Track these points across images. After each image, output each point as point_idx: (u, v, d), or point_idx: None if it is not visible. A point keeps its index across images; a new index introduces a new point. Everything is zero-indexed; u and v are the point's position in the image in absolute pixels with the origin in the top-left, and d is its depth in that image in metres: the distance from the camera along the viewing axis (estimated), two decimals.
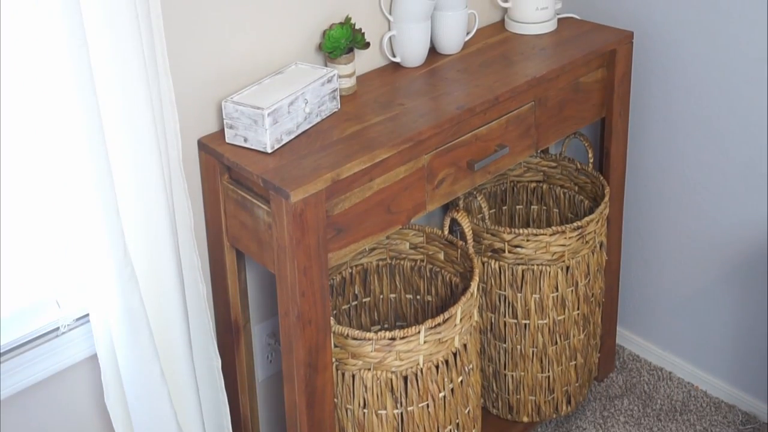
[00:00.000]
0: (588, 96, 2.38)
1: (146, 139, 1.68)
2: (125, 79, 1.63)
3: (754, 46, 2.29)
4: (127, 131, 1.67)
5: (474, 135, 2.08)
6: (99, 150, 1.59)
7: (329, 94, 2.00)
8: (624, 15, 2.53)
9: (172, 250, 1.79)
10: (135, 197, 1.72)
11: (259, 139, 1.85)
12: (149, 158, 1.70)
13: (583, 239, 2.34)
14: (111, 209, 1.64)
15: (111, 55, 1.60)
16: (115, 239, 1.66)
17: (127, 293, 1.71)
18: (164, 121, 1.76)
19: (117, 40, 1.59)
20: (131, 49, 1.61)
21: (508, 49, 2.36)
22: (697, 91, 2.44)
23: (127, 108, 1.65)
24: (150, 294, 1.81)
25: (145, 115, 1.66)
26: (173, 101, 1.79)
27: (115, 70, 1.61)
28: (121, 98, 1.64)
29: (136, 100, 1.65)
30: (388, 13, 2.24)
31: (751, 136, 2.37)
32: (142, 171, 1.70)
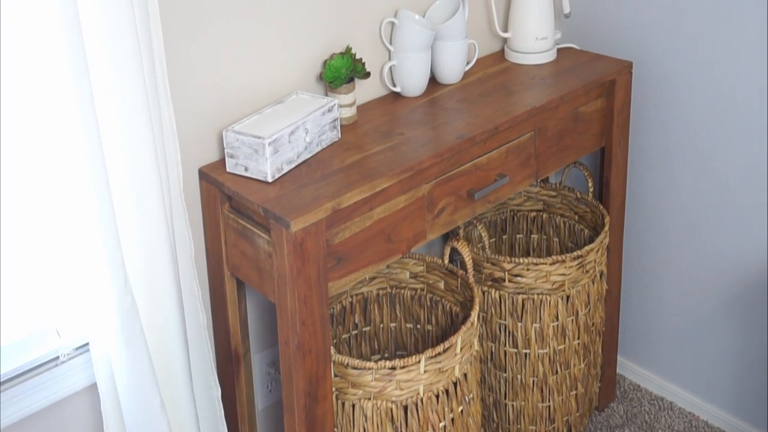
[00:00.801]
0: (588, 125, 2.39)
1: (147, 168, 1.69)
2: (127, 108, 1.63)
3: (753, 76, 2.30)
4: (129, 160, 1.67)
5: (474, 164, 2.08)
6: (100, 178, 1.59)
7: (330, 123, 2.00)
8: (623, 45, 2.55)
9: (173, 279, 1.79)
10: (136, 226, 1.73)
11: (260, 169, 1.85)
12: (150, 187, 1.70)
13: (584, 268, 2.34)
14: (112, 238, 1.64)
15: (113, 84, 1.61)
16: (116, 268, 1.67)
17: (128, 322, 1.71)
18: (165, 151, 1.77)
19: (119, 70, 1.60)
20: (133, 78, 1.62)
21: (508, 79, 2.37)
22: (696, 121, 2.45)
23: (128, 137, 1.66)
24: (150, 323, 1.81)
25: (146, 144, 1.67)
26: (174, 130, 1.80)
27: (116, 99, 1.62)
28: (123, 127, 1.65)
29: (138, 129, 1.65)
30: (388, 42, 2.25)
31: (750, 166, 2.37)
32: (143, 200, 1.71)
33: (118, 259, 1.67)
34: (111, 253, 1.65)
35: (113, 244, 1.65)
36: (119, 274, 1.67)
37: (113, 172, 1.66)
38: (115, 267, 1.66)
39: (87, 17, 1.55)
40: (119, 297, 1.68)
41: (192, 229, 1.93)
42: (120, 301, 1.69)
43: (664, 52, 2.46)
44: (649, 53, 2.49)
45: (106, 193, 1.61)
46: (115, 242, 1.65)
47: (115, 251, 1.66)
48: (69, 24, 1.48)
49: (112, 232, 1.64)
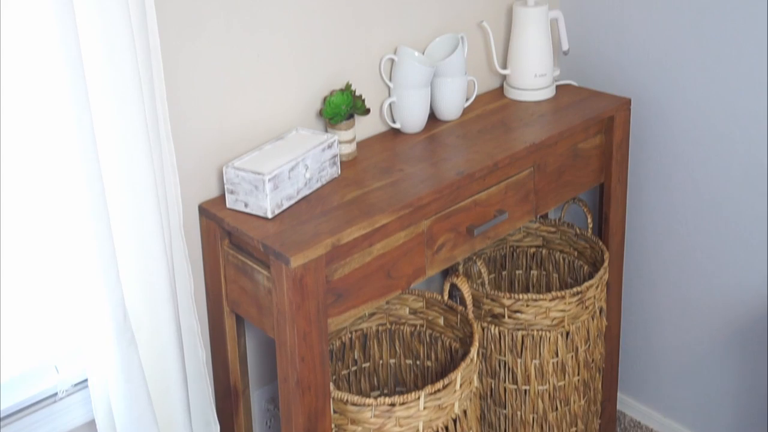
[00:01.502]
0: (586, 162, 2.40)
1: (147, 204, 1.69)
2: (127, 144, 1.64)
3: (751, 113, 2.31)
4: (129, 196, 1.68)
5: (473, 200, 2.09)
6: (100, 213, 1.60)
7: (330, 159, 2.01)
8: (621, 82, 2.56)
9: (172, 315, 1.79)
10: (135, 262, 1.73)
11: (260, 205, 1.86)
12: (150, 223, 1.71)
13: (583, 304, 2.34)
14: (111, 273, 1.65)
15: (114, 119, 1.62)
16: (115, 303, 1.66)
17: (126, 358, 1.71)
18: (165, 187, 1.77)
19: (120, 106, 1.61)
20: (134, 114, 1.62)
21: (507, 116, 2.38)
22: (694, 157, 2.46)
23: (128, 173, 1.66)
24: (149, 359, 1.80)
25: (146, 180, 1.67)
26: (175, 166, 1.80)
27: (117, 135, 1.63)
28: (123, 163, 1.65)
29: (138, 165, 1.66)
30: (388, 79, 2.26)
31: (749, 202, 2.38)
32: (142, 235, 1.71)
33: (117, 295, 1.67)
34: (110, 288, 1.65)
35: (113, 280, 1.65)
36: (119, 310, 1.67)
37: (113, 206, 1.67)
38: (115, 302, 1.66)
39: (89, 54, 1.56)
40: (118, 332, 1.68)
41: (191, 264, 1.93)
42: (119, 337, 1.69)
43: (663, 88, 2.48)
44: (648, 90, 2.51)
45: (106, 228, 1.62)
46: (114, 278, 1.65)
47: (114, 287, 1.66)
48: (71, 61, 1.49)
49: (112, 267, 1.64)
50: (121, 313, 1.68)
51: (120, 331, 1.68)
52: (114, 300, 1.66)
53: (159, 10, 1.76)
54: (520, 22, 2.46)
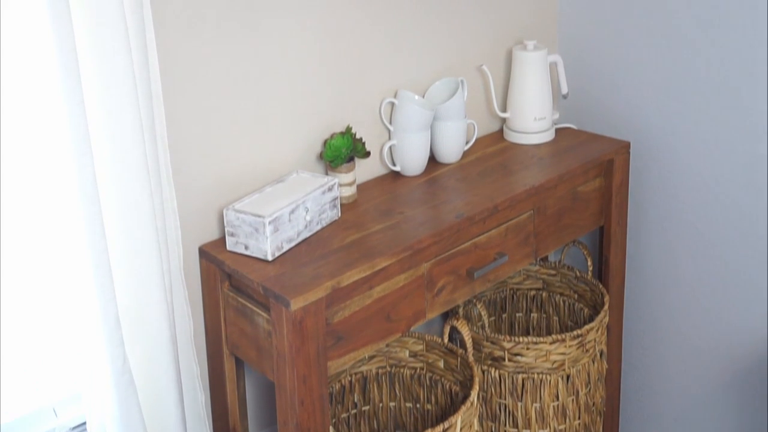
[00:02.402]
0: (586, 205, 2.40)
1: (148, 247, 1.69)
2: (128, 189, 1.64)
3: (751, 155, 2.32)
4: (129, 239, 1.68)
5: (473, 243, 2.09)
6: (101, 256, 1.60)
7: (330, 202, 2.02)
8: (621, 125, 2.57)
9: (171, 358, 1.79)
10: (135, 304, 1.73)
11: (260, 247, 1.86)
12: (150, 265, 1.71)
13: (584, 348, 2.33)
14: (111, 316, 1.64)
15: (115, 165, 1.62)
16: (115, 346, 1.66)
17: (125, 401, 1.70)
18: (166, 229, 1.77)
19: (122, 151, 1.62)
20: (135, 160, 1.63)
21: (506, 159, 2.39)
22: (694, 200, 2.47)
23: (129, 216, 1.67)
24: (148, 401, 1.79)
25: (147, 223, 1.68)
26: (175, 209, 1.81)
27: (119, 180, 1.63)
28: (124, 205, 1.66)
29: (139, 210, 1.66)
30: (388, 122, 2.28)
31: (749, 246, 2.38)
32: (142, 278, 1.71)
33: (117, 338, 1.66)
34: (110, 330, 1.65)
35: (112, 322, 1.65)
36: (118, 353, 1.67)
37: (113, 248, 1.67)
38: (114, 345, 1.66)
39: (91, 99, 1.57)
40: (117, 375, 1.68)
41: (191, 306, 1.93)
42: (118, 380, 1.68)
43: (662, 132, 2.49)
44: (647, 133, 2.52)
45: (106, 270, 1.62)
46: (114, 320, 1.65)
47: (114, 329, 1.65)
48: (74, 106, 1.50)
49: (112, 309, 1.64)
50: (120, 355, 1.67)
51: (119, 373, 1.68)
52: (113, 342, 1.66)
53: (161, 54, 1.77)
54: (519, 66, 2.47)
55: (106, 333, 1.64)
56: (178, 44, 1.83)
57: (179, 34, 1.83)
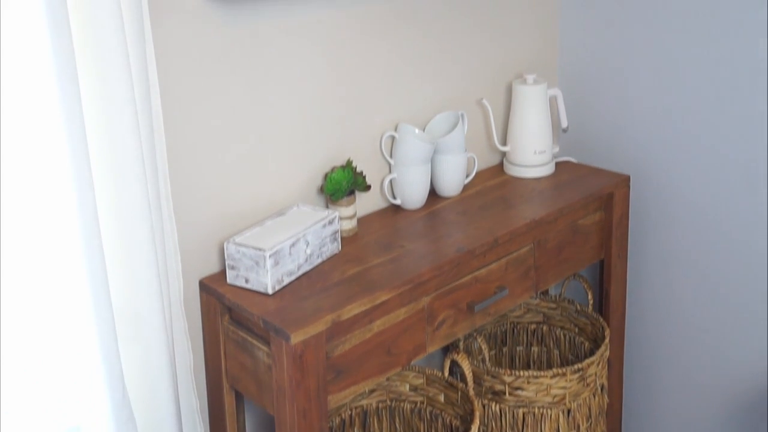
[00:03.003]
0: (586, 238, 2.41)
1: (148, 280, 1.69)
2: (129, 223, 1.64)
3: (751, 189, 2.33)
4: (130, 272, 1.68)
5: (474, 277, 2.09)
6: (101, 290, 1.60)
7: (330, 235, 2.02)
8: (620, 158, 2.58)
9: (171, 392, 1.78)
10: (135, 338, 1.72)
11: (261, 281, 1.86)
12: (151, 299, 1.70)
13: (584, 382, 2.33)
14: (111, 350, 1.64)
15: (116, 199, 1.63)
16: (114, 380, 1.65)
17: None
18: (166, 262, 1.77)
19: (123, 184, 1.62)
20: (136, 193, 1.63)
21: (507, 192, 2.40)
22: (695, 234, 2.47)
23: (129, 249, 1.67)
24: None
25: (147, 256, 1.68)
26: (176, 243, 1.81)
27: (119, 214, 1.64)
28: (125, 239, 1.66)
29: (140, 242, 1.66)
30: (388, 156, 2.28)
31: (750, 280, 2.38)
32: (143, 311, 1.71)
33: (116, 371, 1.66)
34: (110, 364, 1.64)
35: (112, 356, 1.64)
36: (117, 387, 1.66)
37: (114, 282, 1.67)
38: (114, 379, 1.65)
39: (92, 131, 1.58)
40: (116, 409, 1.67)
41: (191, 340, 1.92)
42: (117, 414, 1.67)
43: (662, 165, 2.50)
44: (647, 167, 2.53)
45: (107, 304, 1.61)
46: (114, 354, 1.64)
47: (114, 363, 1.65)
48: (75, 139, 1.50)
49: (112, 343, 1.64)
50: (119, 389, 1.67)
51: (118, 407, 1.67)
52: (113, 376, 1.65)
53: (163, 89, 1.78)
54: (519, 99, 2.49)
55: (106, 366, 1.64)
56: (180, 78, 1.84)
57: (181, 68, 1.84)
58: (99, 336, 1.61)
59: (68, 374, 1.70)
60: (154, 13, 1.74)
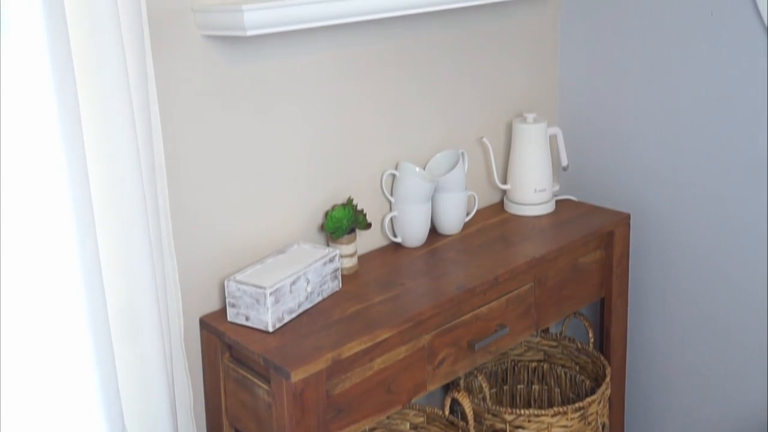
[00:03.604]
0: (587, 276, 2.41)
1: (149, 319, 1.69)
2: (130, 258, 1.65)
3: (751, 228, 2.33)
4: (131, 309, 1.68)
5: (474, 315, 2.09)
6: (102, 329, 1.59)
7: (331, 273, 2.02)
8: (621, 197, 2.59)
9: (171, 430, 1.78)
10: (135, 376, 1.72)
11: (261, 318, 1.86)
12: (151, 337, 1.70)
13: (585, 420, 2.32)
14: (110, 387, 1.63)
15: (118, 237, 1.63)
16: (114, 418, 1.65)
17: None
18: (167, 301, 1.78)
19: (124, 223, 1.62)
20: (137, 229, 1.64)
21: (507, 230, 2.40)
22: (695, 272, 2.47)
23: (130, 286, 1.67)
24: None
25: (148, 293, 1.68)
26: (177, 280, 1.81)
27: (120, 253, 1.64)
28: (126, 277, 1.66)
29: (140, 281, 1.67)
30: (389, 194, 2.29)
31: (750, 319, 2.38)
32: (143, 349, 1.71)
33: (116, 409, 1.65)
34: (109, 402, 1.64)
35: (112, 394, 1.64)
36: (117, 425, 1.66)
37: (115, 320, 1.67)
38: (114, 417, 1.65)
39: (94, 169, 1.58)
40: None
41: (191, 378, 1.92)
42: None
43: (662, 203, 2.50)
44: (647, 205, 2.53)
45: (107, 342, 1.61)
46: (113, 392, 1.64)
47: (113, 401, 1.64)
48: (77, 177, 1.51)
49: (112, 381, 1.63)
50: (119, 427, 1.66)
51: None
52: (112, 414, 1.65)
53: (165, 127, 1.80)
54: (519, 138, 2.50)
55: (105, 404, 1.63)
56: (182, 117, 1.86)
57: (183, 107, 1.85)
58: (98, 375, 1.61)
59: (66, 412, 1.69)
60: (157, 53, 1.76)
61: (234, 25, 1.75)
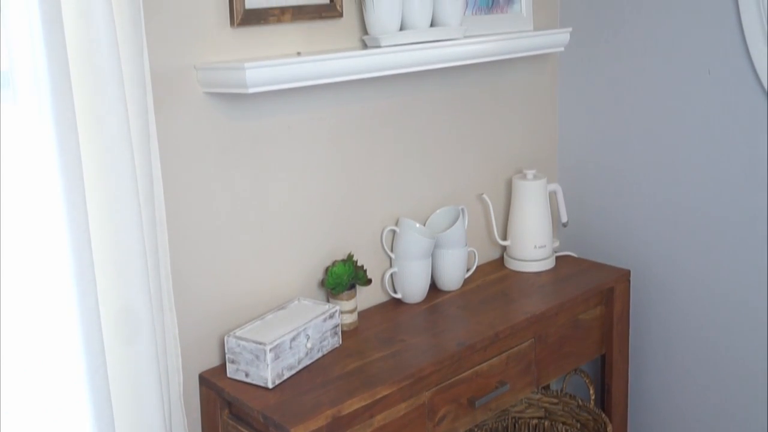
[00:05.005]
0: (587, 333, 2.40)
1: (148, 374, 1.68)
2: (130, 314, 1.65)
3: (751, 284, 2.33)
4: (130, 365, 1.67)
5: (475, 372, 2.08)
6: (101, 387, 1.59)
7: (331, 329, 2.02)
8: (620, 253, 2.59)
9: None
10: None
11: (261, 375, 1.86)
12: (150, 392, 1.69)
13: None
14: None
15: (118, 293, 1.63)
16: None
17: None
18: (167, 356, 1.77)
19: (125, 279, 1.63)
20: (138, 287, 1.64)
21: (507, 286, 2.40)
22: (696, 329, 2.46)
23: (130, 342, 1.66)
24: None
25: (148, 350, 1.67)
26: (176, 337, 1.81)
27: (120, 308, 1.64)
28: (125, 332, 1.66)
29: (140, 336, 1.66)
30: (389, 250, 2.29)
31: (751, 375, 2.37)
32: (142, 406, 1.70)
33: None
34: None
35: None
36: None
37: (114, 378, 1.66)
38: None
39: (95, 223, 1.59)
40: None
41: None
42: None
43: (662, 260, 2.51)
44: (647, 261, 2.54)
45: (106, 398, 1.60)
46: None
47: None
48: (78, 233, 1.51)
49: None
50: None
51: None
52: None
53: (166, 183, 1.80)
54: (519, 194, 2.51)
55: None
56: (183, 172, 1.87)
57: (185, 162, 1.86)
58: (96, 430, 1.60)
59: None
60: (159, 109, 1.77)
61: (236, 82, 1.77)
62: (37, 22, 1.41)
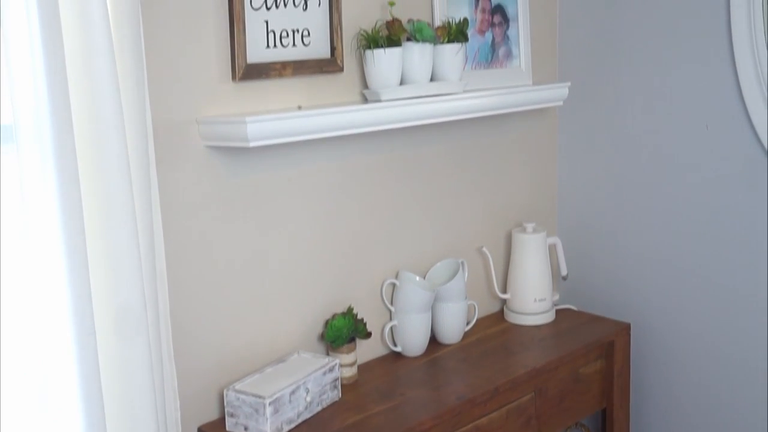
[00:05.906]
0: (588, 386, 2.39)
1: (146, 427, 1.67)
2: (129, 366, 1.64)
3: (752, 339, 2.33)
4: (128, 417, 1.67)
5: (475, 426, 2.07)
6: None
7: (331, 383, 2.01)
8: (621, 307, 2.59)
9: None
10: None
11: (260, 428, 1.85)
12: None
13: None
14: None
15: (117, 342, 1.63)
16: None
17: None
18: (166, 409, 1.76)
19: (124, 330, 1.62)
20: (137, 340, 1.63)
21: (507, 340, 2.40)
22: (696, 382, 2.46)
23: (129, 394, 1.66)
24: None
25: (147, 402, 1.66)
26: (176, 391, 1.80)
27: (119, 360, 1.63)
28: (124, 384, 1.65)
29: (140, 388, 1.66)
30: (389, 303, 2.29)
31: (753, 424, 2.35)
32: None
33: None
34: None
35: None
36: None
37: (112, 429, 1.65)
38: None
39: (96, 273, 1.59)
40: None
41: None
42: None
43: (662, 313, 2.50)
44: (647, 315, 2.53)
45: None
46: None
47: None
48: (77, 283, 1.51)
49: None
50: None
51: None
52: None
53: (167, 234, 1.81)
54: (519, 248, 2.51)
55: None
56: (184, 225, 1.87)
57: (185, 215, 1.87)
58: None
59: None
60: (161, 162, 1.78)
61: (237, 136, 1.79)
62: (41, 76, 1.43)
